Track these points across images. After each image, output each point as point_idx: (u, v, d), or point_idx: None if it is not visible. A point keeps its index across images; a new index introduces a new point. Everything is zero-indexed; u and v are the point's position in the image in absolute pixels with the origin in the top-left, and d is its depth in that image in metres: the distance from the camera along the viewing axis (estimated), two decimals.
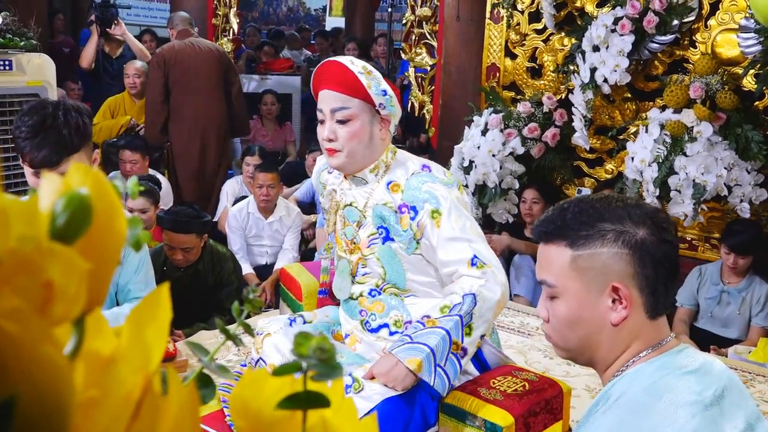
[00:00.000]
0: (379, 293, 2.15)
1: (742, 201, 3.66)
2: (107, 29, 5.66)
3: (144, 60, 5.90)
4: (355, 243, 2.16)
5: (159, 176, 5.04)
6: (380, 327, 2.15)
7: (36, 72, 3.82)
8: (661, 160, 3.72)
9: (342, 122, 2.03)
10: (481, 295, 1.93)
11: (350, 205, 2.16)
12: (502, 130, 4.43)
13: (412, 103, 5.59)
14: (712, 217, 4.05)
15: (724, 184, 3.62)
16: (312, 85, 2.12)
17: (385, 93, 2.04)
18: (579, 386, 3.05)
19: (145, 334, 0.35)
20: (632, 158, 3.86)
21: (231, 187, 5.22)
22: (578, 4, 4.47)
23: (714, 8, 4.00)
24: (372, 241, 2.11)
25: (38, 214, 0.31)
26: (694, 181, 3.62)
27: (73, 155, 2.08)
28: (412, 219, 2.02)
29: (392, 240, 2.07)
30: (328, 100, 2.04)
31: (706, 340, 3.58)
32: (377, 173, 2.11)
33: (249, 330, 0.49)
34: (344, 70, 2.02)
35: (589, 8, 4.39)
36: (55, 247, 0.30)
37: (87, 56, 5.74)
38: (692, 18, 3.98)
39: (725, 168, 3.60)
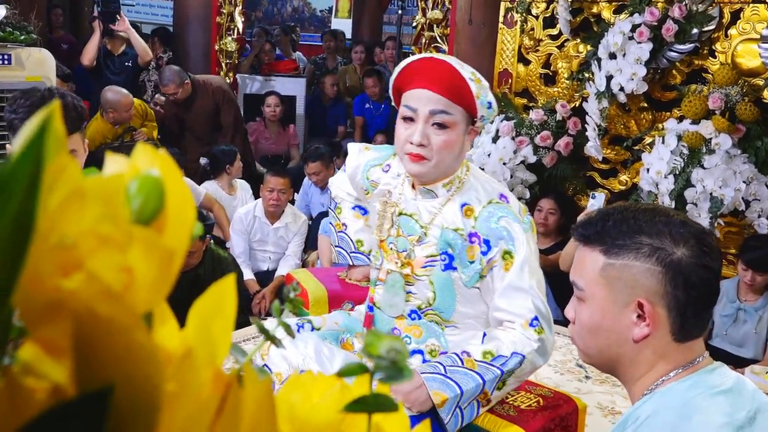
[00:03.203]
0: (419, 317, 1.99)
1: (760, 216, 3.64)
2: (110, 24, 5.54)
3: (145, 58, 5.79)
4: (408, 258, 1.97)
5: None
6: (413, 353, 2.01)
7: (35, 67, 3.74)
8: (677, 172, 3.67)
9: (440, 127, 1.83)
10: (529, 359, 1.84)
11: (410, 215, 1.98)
12: (513, 138, 4.36)
13: None
14: (728, 232, 3.98)
15: (742, 198, 3.59)
16: (397, 80, 1.90)
17: (490, 105, 1.86)
18: (591, 403, 2.97)
19: (212, 329, 0.34)
20: (647, 169, 3.81)
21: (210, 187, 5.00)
22: (595, 11, 4.40)
23: (735, 17, 3.93)
24: (429, 263, 1.94)
25: (120, 192, 0.30)
26: (711, 194, 3.57)
27: (71, 135, 2.01)
28: (483, 254, 1.87)
29: (454, 269, 1.91)
30: (426, 100, 1.83)
31: (720, 360, 3.47)
32: (450, 189, 1.93)
33: (289, 331, 0.47)
34: (454, 72, 1.82)
35: (606, 15, 4.32)
36: (135, 229, 0.29)
37: (89, 53, 5.61)
38: (712, 27, 3.91)
39: (744, 182, 3.57)
